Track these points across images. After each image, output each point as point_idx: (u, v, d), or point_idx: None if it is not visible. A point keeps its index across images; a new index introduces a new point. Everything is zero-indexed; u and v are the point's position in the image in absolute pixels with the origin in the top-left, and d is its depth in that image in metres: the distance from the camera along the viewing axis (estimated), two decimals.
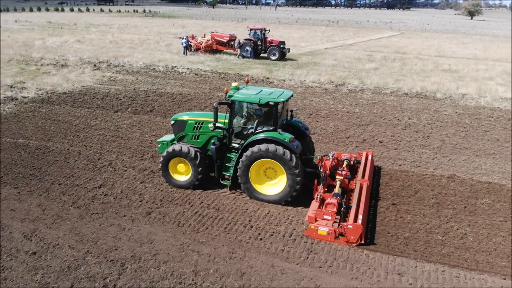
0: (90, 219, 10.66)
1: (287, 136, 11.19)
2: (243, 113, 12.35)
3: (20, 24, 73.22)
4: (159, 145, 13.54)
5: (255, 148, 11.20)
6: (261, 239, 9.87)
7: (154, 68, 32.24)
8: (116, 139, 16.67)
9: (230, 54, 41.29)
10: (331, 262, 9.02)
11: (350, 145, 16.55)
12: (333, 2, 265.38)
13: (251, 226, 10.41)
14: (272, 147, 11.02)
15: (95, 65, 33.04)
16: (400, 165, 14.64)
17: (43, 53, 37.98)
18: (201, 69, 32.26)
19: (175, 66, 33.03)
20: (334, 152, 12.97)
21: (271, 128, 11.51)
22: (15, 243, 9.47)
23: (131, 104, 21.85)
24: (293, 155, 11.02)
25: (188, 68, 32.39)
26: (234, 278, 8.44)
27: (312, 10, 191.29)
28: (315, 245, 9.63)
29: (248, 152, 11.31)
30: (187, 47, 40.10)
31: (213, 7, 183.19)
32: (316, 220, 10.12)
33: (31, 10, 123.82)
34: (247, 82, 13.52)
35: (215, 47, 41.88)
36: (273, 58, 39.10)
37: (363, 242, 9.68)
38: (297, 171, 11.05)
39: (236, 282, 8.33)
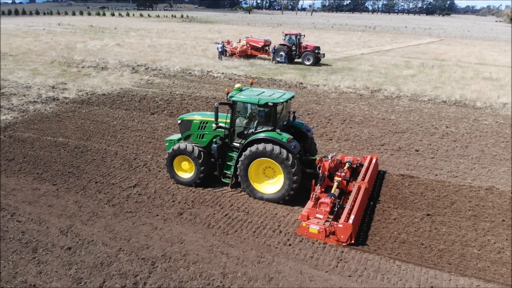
0: (124, 217, 10.93)
1: (285, 136, 11.40)
2: (244, 114, 12.61)
3: (63, 27, 76.53)
4: (167, 144, 14.05)
5: (253, 148, 11.49)
6: (290, 244, 9.80)
7: (190, 72, 32.82)
8: (151, 140, 17.04)
9: (264, 59, 41.47)
10: (361, 272, 8.84)
11: (385, 152, 16.21)
12: (370, 8, 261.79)
13: (280, 231, 10.36)
14: (269, 146, 11.25)
15: (133, 68, 33.99)
16: (436, 175, 14.21)
17: (84, 55, 39.46)
18: (235, 74, 32.56)
19: (210, 71, 33.49)
20: (334, 153, 13.07)
21: (270, 128, 11.71)
22: (52, 238, 9.83)
23: (167, 107, 22.30)
24: (290, 155, 11.20)
25: (222, 73, 32.77)
26: (262, 282, 8.42)
27: (348, 16, 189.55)
28: (345, 253, 9.48)
29: (246, 152, 11.62)
30: (223, 52, 40.60)
31: (249, 13, 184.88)
32: (308, 218, 10.29)
33: (73, 13, 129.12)
34: (252, 84, 13.88)
35: (249, 52, 42.19)
36: (308, 63, 38.98)
37: (353, 242, 9.75)
38: (294, 170, 11.23)
39: (264, 286, 8.30)
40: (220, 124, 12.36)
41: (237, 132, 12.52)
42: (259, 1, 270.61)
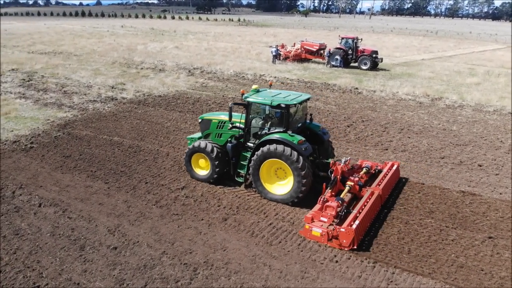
0: (170, 219, 10.98)
1: (296, 138, 11.42)
2: (258, 114, 12.78)
3: (126, 29, 79.96)
4: (189, 141, 14.37)
5: (264, 148, 11.63)
6: (336, 261, 9.32)
7: (243, 76, 32.94)
8: None
9: (318, 63, 40.81)
10: None
11: (445, 166, 15.19)
12: (432, 12, 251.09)
13: (326, 246, 9.91)
14: (279, 147, 11.34)
15: (189, 71, 34.68)
16: (500, 194, 13.07)
17: (144, 57, 40.86)
18: (287, 78, 32.26)
19: (263, 75, 33.42)
20: (349, 157, 12.84)
21: (282, 130, 11.74)
22: (99, 237, 10.04)
23: (219, 110, 22.39)
24: (300, 157, 11.23)
25: (275, 77, 32.57)
26: None
27: (409, 20, 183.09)
28: (396, 275, 8.84)
29: (257, 152, 11.79)
30: (277, 56, 40.41)
31: (306, 16, 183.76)
32: (312, 221, 10.25)
33: (136, 16, 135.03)
34: (270, 85, 13.84)
35: (304, 56, 41.73)
36: (364, 67, 37.89)
37: (355, 247, 9.63)
38: (303, 172, 11.25)
39: None
40: (236, 124, 12.66)
41: (252, 133, 12.68)
42: (316, 5, 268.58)
